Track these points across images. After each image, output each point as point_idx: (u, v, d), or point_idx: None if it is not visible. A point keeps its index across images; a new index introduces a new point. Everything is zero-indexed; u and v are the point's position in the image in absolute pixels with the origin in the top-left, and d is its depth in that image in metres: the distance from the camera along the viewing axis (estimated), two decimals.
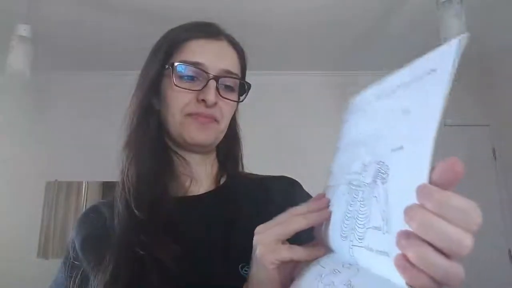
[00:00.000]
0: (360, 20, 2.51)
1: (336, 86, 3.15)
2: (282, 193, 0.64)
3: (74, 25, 2.49)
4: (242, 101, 0.64)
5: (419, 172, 0.28)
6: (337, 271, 0.36)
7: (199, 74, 0.59)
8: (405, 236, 0.27)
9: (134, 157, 0.59)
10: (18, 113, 3.11)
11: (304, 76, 3.22)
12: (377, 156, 0.35)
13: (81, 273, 0.54)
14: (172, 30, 0.65)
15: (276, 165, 1.72)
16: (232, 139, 0.69)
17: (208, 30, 0.63)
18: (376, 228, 0.32)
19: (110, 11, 2.32)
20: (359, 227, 0.35)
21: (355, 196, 0.37)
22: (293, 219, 0.41)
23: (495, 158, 3.01)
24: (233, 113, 0.65)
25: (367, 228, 0.33)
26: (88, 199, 2.96)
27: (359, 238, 0.34)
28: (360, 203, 0.35)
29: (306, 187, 0.69)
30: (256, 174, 0.71)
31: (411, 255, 0.26)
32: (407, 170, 0.30)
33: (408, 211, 0.27)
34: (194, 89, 0.58)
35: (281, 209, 0.46)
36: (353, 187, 0.37)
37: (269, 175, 0.70)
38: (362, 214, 0.35)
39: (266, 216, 0.49)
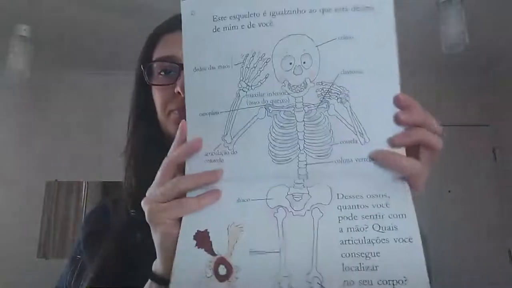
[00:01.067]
0: None
1: None
2: None
3: (74, 25, 2.49)
4: None
5: (392, 91, 0.37)
6: (293, 194, 0.36)
7: (171, 67, 0.57)
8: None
9: (133, 159, 0.59)
10: (18, 113, 3.11)
11: None
12: (318, 77, 0.37)
13: (79, 267, 0.55)
14: (149, 35, 0.65)
15: None
16: None
17: (175, 22, 0.59)
18: (348, 142, 0.36)
19: (110, 11, 2.32)
20: (316, 145, 0.37)
21: (285, 117, 0.37)
22: (186, 203, 0.38)
23: (495, 158, 3.01)
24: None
25: (332, 145, 0.36)
26: (88, 199, 2.95)
27: (319, 156, 0.37)
28: (306, 124, 0.37)
29: None
30: None
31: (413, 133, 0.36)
32: (376, 90, 0.37)
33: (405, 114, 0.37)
34: (170, 82, 0.56)
35: None
36: (278, 109, 0.38)
37: None
38: (317, 133, 0.37)
39: None
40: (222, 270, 0.35)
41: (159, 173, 0.41)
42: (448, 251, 2.70)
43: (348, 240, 0.33)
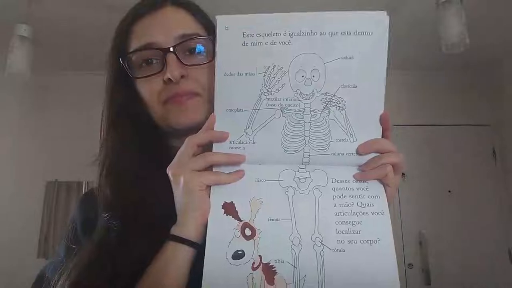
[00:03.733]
0: None
1: None
2: None
3: (74, 25, 2.49)
4: (213, 59, 0.55)
5: (377, 105, 0.47)
6: (299, 177, 0.48)
7: (154, 54, 0.54)
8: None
9: (107, 168, 0.56)
10: (18, 113, 3.11)
11: None
12: (324, 89, 0.47)
13: (75, 256, 0.52)
14: (121, 20, 0.61)
15: None
16: None
17: (148, 4, 0.58)
18: (341, 140, 0.48)
19: (110, 11, 2.32)
20: (318, 141, 0.48)
21: (296, 118, 0.48)
22: (220, 175, 0.48)
23: (495, 158, 3.01)
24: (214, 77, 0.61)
25: (329, 142, 0.48)
26: None
27: (319, 149, 0.48)
28: (311, 124, 0.48)
29: None
30: None
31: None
32: (365, 103, 0.47)
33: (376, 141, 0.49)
34: (156, 72, 0.53)
35: None
36: (291, 112, 0.48)
37: None
38: (320, 132, 0.48)
39: None
40: (247, 231, 0.45)
41: (182, 149, 0.48)
42: (448, 251, 2.70)
43: (340, 212, 0.45)
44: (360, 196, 0.46)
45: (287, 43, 0.46)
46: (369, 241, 0.43)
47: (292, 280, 0.42)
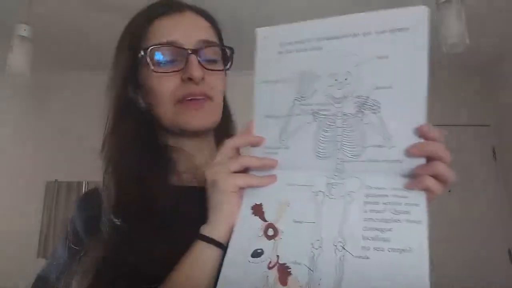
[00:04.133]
0: None
1: None
2: None
3: (74, 25, 2.49)
4: (229, 68, 0.60)
5: (417, 108, 0.42)
6: (332, 184, 0.45)
7: (176, 52, 0.55)
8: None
9: (113, 165, 0.55)
10: (18, 113, 3.11)
11: None
12: (356, 91, 0.44)
13: (81, 256, 0.52)
14: (132, 20, 0.61)
15: None
16: (226, 120, 0.65)
17: (168, 6, 0.59)
18: (378, 146, 0.43)
19: (110, 11, 2.32)
20: (351, 147, 0.45)
21: (329, 123, 0.46)
22: (254, 178, 0.48)
23: (495, 158, 3.01)
24: (224, 86, 0.61)
25: (364, 147, 0.44)
26: None
27: (353, 155, 0.45)
28: (344, 129, 0.45)
29: None
30: None
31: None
32: (403, 105, 0.42)
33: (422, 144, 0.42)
34: (176, 69, 0.54)
35: None
36: (323, 116, 0.46)
37: None
38: (353, 137, 0.45)
39: None
40: (270, 232, 0.45)
41: (220, 151, 0.49)
42: (448, 251, 2.70)
43: (370, 219, 0.42)
44: (396, 203, 0.42)
45: (318, 48, 0.47)
46: (399, 250, 0.39)
47: (306, 283, 0.41)
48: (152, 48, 0.54)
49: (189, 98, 0.55)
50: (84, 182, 2.98)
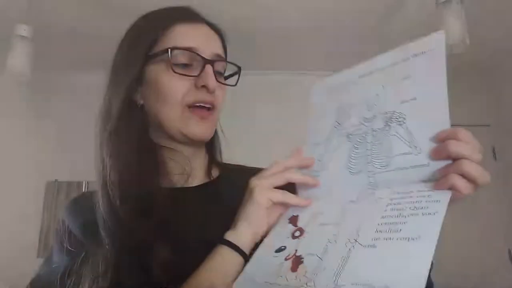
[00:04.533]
0: (360, 20, 2.51)
1: None
2: None
3: (74, 25, 2.49)
4: (236, 84, 0.63)
5: (440, 115, 0.45)
6: (364, 194, 0.48)
7: (194, 59, 0.56)
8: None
9: (118, 156, 0.55)
10: (18, 113, 3.11)
11: (305, 75, 3.22)
12: (383, 109, 0.48)
13: (82, 258, 0.52)
14: (147, 17, 0.62)
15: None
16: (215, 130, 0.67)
17: (188, 14, 0.60)
18: (405, 153, 0.46)
19: (110, 11, 2.32)
20: (379, 159, 0.48)
21: (359, 140, 0.50)
22: (286, 172, 0.52)
23: (495, 158, 3.01)
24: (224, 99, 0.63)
25: (392, 157, 0.47)
26: None
27: (381, 166, 0.47)
28: (373, 144, 0.49)
29: None
30: (245, 166, 0.70)
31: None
32: (427, 113, 0.45)
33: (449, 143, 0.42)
34: (191, 74, 0.55)
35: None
36: (355, 136, 0.51)
37: (259, 167, 0.69)
38: (381, 150, 0.48)
39: None
40: (297, 233, 0.50)
41: (270, 169, 0.52)
42: (448, 251, 2.70)
43: (388, 215, 0.43)
44: (417, 202, 0.43)
45: (354, 83, 0.53)
46: (407, 238, 0.39)
47: (312, 269, 0.43)
48: (174, 50, 0.55)
49: (198, 105, 0.57)
50: (84, 182, 2.98)
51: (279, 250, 0.49)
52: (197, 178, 0.62)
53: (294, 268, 0.45)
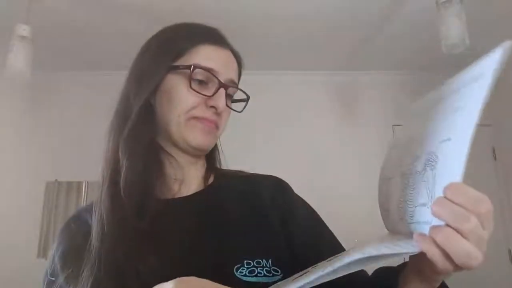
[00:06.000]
0: (360, 21, 2.51)
1: (337, 85, 3.19)
2: (271, 191, 0.64)
3: (74, 25, 2.49)
4: (241, 111, 0.68)
5: (459, 161, 0.37)
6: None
7: (211, 80, 0.60)
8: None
9: (128, 157, 0.56)
10: (18, 113, 3.11)
11: (306, 76, 3.23)
12: (428, 148, 0.41)
13: None
14: (177, 29, 0.65)
15: (272, 164, 1.72)
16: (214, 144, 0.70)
17: (216, 36, 0.64)
18: (422, 204, 0.39)
19: (110, 11, 2.32)
20: (409, 207, 0.41)
21: (406, 182, 0.43)
22: None
23: (495, 158, 3.01)
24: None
25: (415, 207, 0.40)
26: (88, 199, 2.96)
27: (410, 216, 0.41)
28: (410, 187, 0.42)
29: (302, 184, 0.68)
30: (241, 171, 0.70)
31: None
32: (451, 158, 0.38)
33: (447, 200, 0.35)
34: (205, 94, 0.59)
35: (270, 207, 0.61)
36: (405, 176, 0.44)
37: (255, 173, 0.69)
38: (412, 196, 0.41)
39: (256, 215, 0.60)
40: None
41: None
42: None
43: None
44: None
45: (421, 116, 0.47)
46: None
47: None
48: (196, 68, 0.58)
49: (203, 118, 0.60)
50: (84, 182, 2.98)
51: None
52: (192, 187, 0.63)
53: None
